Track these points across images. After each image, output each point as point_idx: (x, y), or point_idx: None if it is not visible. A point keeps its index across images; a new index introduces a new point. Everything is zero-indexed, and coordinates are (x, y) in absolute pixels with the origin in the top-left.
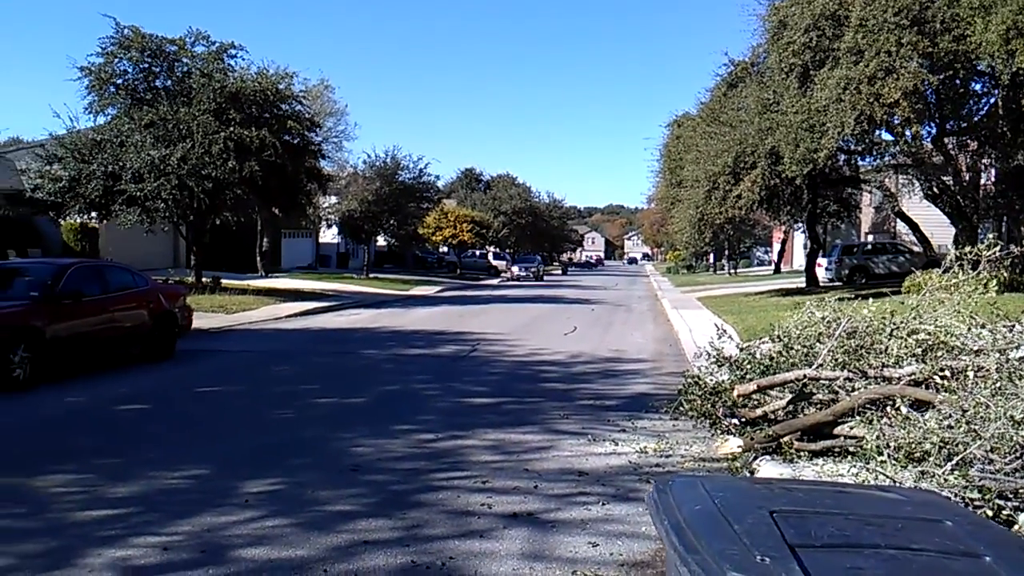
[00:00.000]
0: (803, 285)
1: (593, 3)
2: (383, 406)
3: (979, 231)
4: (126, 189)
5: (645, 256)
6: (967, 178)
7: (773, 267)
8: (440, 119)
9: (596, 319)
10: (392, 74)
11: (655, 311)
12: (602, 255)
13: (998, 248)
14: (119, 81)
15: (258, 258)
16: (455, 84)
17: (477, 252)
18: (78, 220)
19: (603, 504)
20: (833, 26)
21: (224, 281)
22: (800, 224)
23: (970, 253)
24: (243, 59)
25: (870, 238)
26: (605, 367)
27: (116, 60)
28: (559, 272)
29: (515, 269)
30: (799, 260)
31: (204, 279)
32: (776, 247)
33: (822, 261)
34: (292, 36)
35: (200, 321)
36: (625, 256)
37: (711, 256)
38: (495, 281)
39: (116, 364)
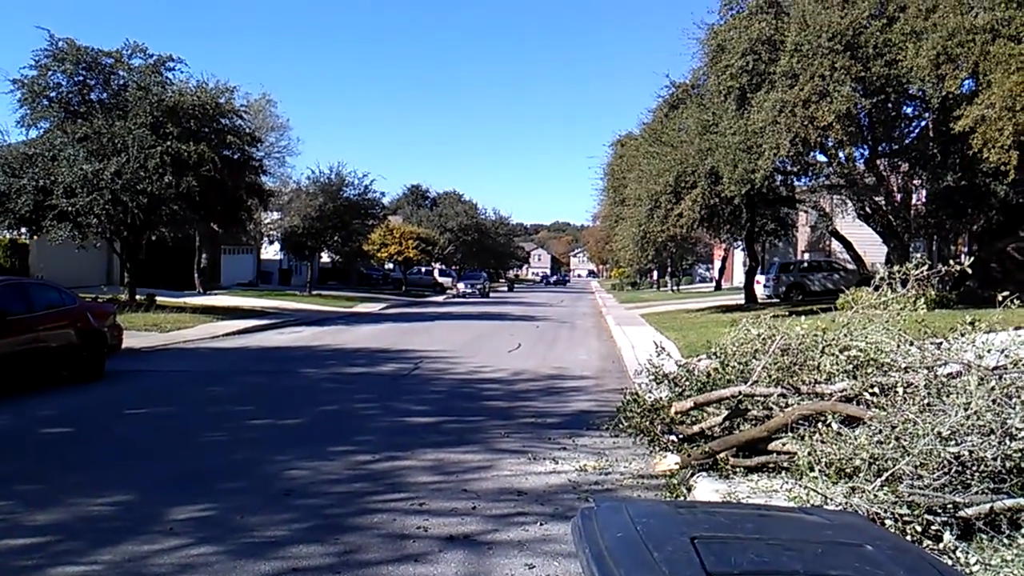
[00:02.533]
0: (743, 302)
1: (539, 23)
2: (320, 427)
3: (911, 249)
4: (57, 204)
5: (591, 273)
6: (899, 198)
7: (715, 284)
8: (387, 135)
9: (540, 336)
10: (337, 90)
11: (599, 328)
12: (548, 272)
13: (926, 267)
14: (53, 94)
15: (196, 275)
16: (401, 101)
17: (423, 269)
18: (7, 236)
19: (541, 524)
20: (769, 50)
21: (160, 298)
22: (740, 242)
23: (899, 272)
24: (182, 72)
25: (806, 256)
26: (548, 384)
27: (50, 72)
28: (505, 289)
29: (461, 286)
30: (739, 277)
31: (138, 296)
32: (717, 264)
33: (760, 278)
34: (233, 51)
35: (133, 340)
36: (572, 272)
37: (655, 273)
38: (441, 298)
39: (42, 385)
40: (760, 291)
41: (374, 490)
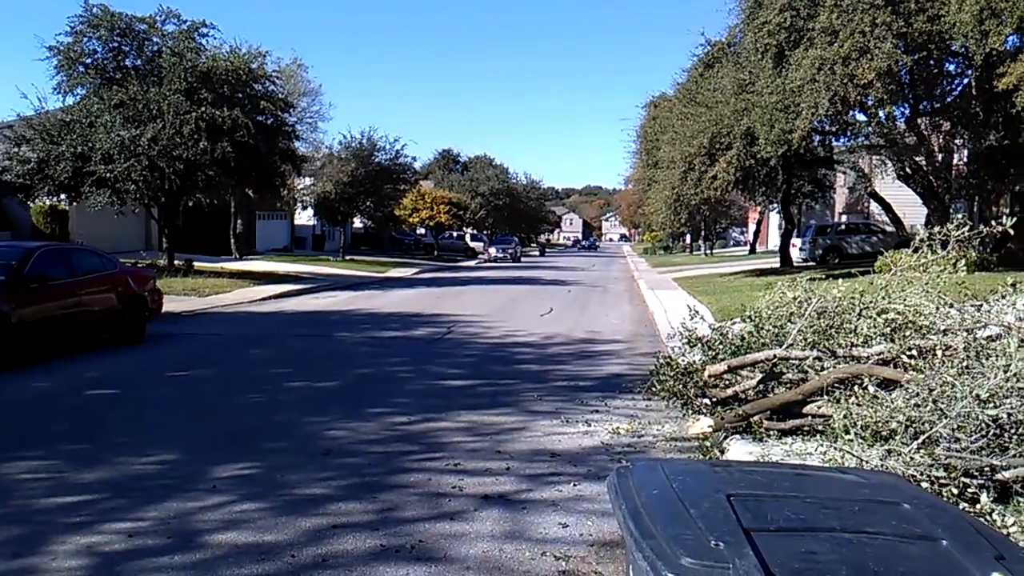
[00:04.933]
0: (777, 265)
1: None
2: (357, 389)
3: (951, 210)
4: (95, 171)
5: (623, 237)
6: (940, 159)
7: (749, 247)
8: (418, 100)
9: (572, 300)
10: (369, 55)
11: (631, 292)
12: (580, 236)
13: (967, 228)
14: (88, 61)
15: (232, 240)
16: (433, 65)
17: (455, 234)
18: (47, 202)
19: (574, 484)
20: (808, 6)
21: (197, 264)
22: (775, 205)
23: (940, 233)
24: (215, 38)
25: (844, 218)
26: (580, 348)
27: (85, 39)
28: (537, 253)
29: (492, 251)
30: (774, 240)
31: (176, 262)
32: (752, 227)
33: (796, 241)
34: (265, 16)
35: (172, 304)
36: (603, 236)
37: (687, 237)
38: (472, 263)
39: (85, 348)
40: (796, 254)
41: (410, 450)
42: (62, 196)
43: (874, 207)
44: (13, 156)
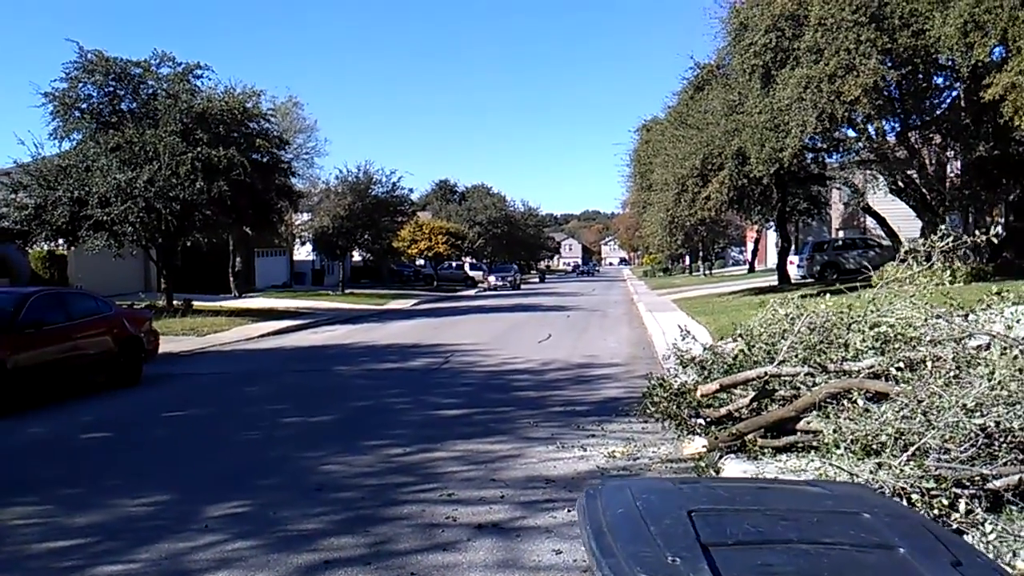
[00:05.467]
0: (776, 283)
1: (563, 9)
2: (353, 422)
3: (946, 222)
4: (92, 214)
5: (623, 261)
6: (932, 171)
7: (748, 266)
8: (414, 132)
9: (571, 325)
10: (363, 89)
11: (630, 315)
12: (580, 261)
13: (951, 239)
14: (84, 106)
15: (231, 279)
16: (428, 96)
17: (454, 264)
18: (45, 248)
19: (568, 510)
20: (793, 26)
21: (196, 303)
22: (772, 223)
23: (924, 245)
24: (209, 79)
25: (841, 234)
26: (577, 373)
27: (80, 84)
28: (536, 280)
29: (492, 279)
30: (773, 258)
31: (176, 302)
32: (750, 246)
33: (794, 259)
34: (258, 56)
35: (170, 345)
36: (603, 260)
37: (687, 258)
38: (472, 292)
39: (81, 392)
40: (794, 272)
41: (405, 482)
42: (60, 241)
43: (870, 222)
44: (11, 203)
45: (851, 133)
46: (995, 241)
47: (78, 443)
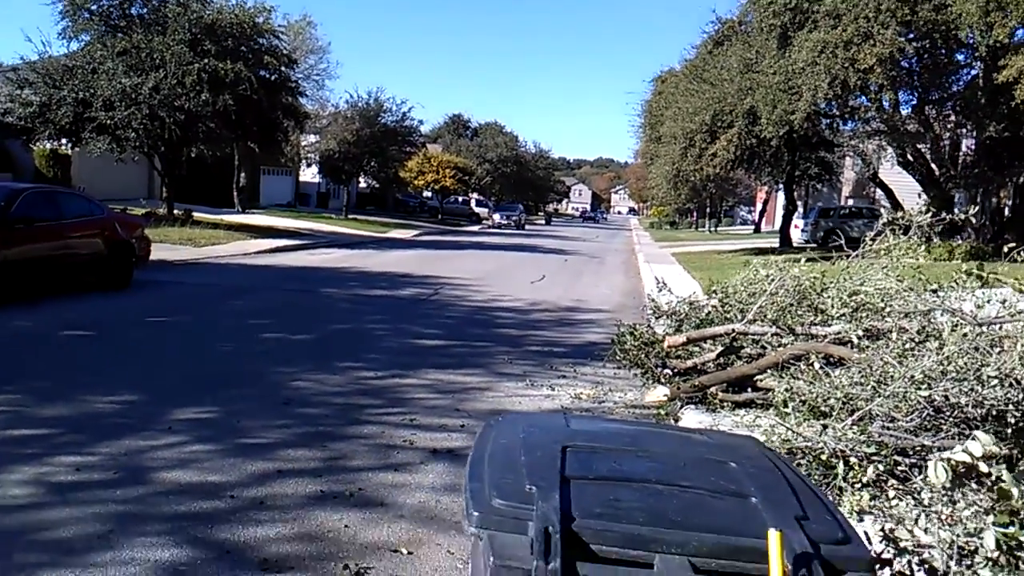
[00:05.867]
0: (777, 245)
1: None
2: (331, 343)
3: (954, 199)
4: (96, 117)
5: (631, 210)
6: (944, 147)
7: (754, 226)
8: (432, 65)
9: (567, 269)
10: (382, 15)
11: (628, 264)
12: (588, 208)
13: (930, 215)
14: (93, 7)
15: (235, 193)
16: (448, 28)
17: (460, 199)
18: (48, 147)
19: None
20: None
21: (197, 214)
22: (781, 185)
23: (902, 219)
24: None
25: (850, 202)
26: (562, 316)
27: None
28: (543, 222)
29: (496, 217)
30: (780, 220)
31: (176, 211)
32: (759, 207)
33: (799, 223)
34: None
35: (166, 253)
36: (612, 209)
37: (695, 213)
38: (475, 228)
39: (70, 291)
40: (797, 235)
41: (371, 404)
42: (63, 140)
43: (880, 192)
44: (16, 99)
45: (865, 102)
46: (972, 220)
47: (59, 339)
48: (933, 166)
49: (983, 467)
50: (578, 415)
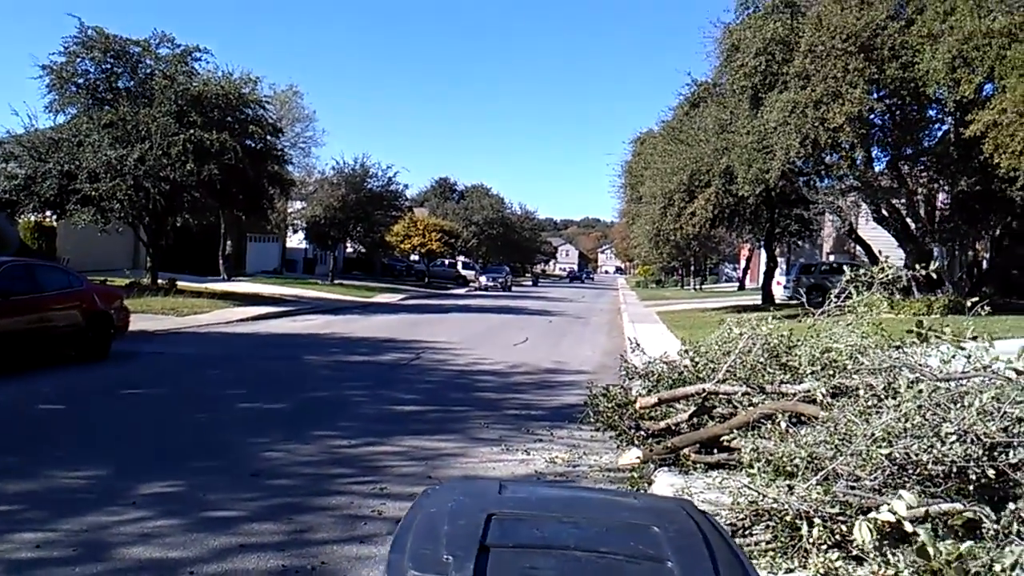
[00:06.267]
0: (760, 303)
1: (573, 16)
2: (306, 412)
3: (933, 254)
4: (81, 188)
5: (618, 269)
6: (918, 202)
7: (739, 284)
8: (415, 131)
9: (551, 331)
10: (363, 85)
11: (612, 324)
12: (576, 268)
13: (892, 271)
14: (80, 81)
15: (221, 261)
16: (433, 96)
17: (447, 261)
18: (33, 219)
19: None
20: (783, 51)
21: (182, 283)
22: (762, 242)
23: (865, 276)
24: (208, 62)
25: (831, 258)
26: (542, 378)
27: (78, 60)
28: (529, 283)
29: (483, 279)
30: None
31: (160, 281)
32: (742, 264)
33: (780, 279)
34: (261, 46)
35: (147, 323)
36: (599, 268)
37: (680, 271)
38: (462, 291)
39: (47, 364)
40: (779, 292)
41: (342, 473)
42: (47, 212)
43: (860, 247)
44: (1, 172)
45: (837, 159)
46: (934, 276)
47: (30, 412)
48: (908, 221)
49: (908, 527)
50: (513, 481)
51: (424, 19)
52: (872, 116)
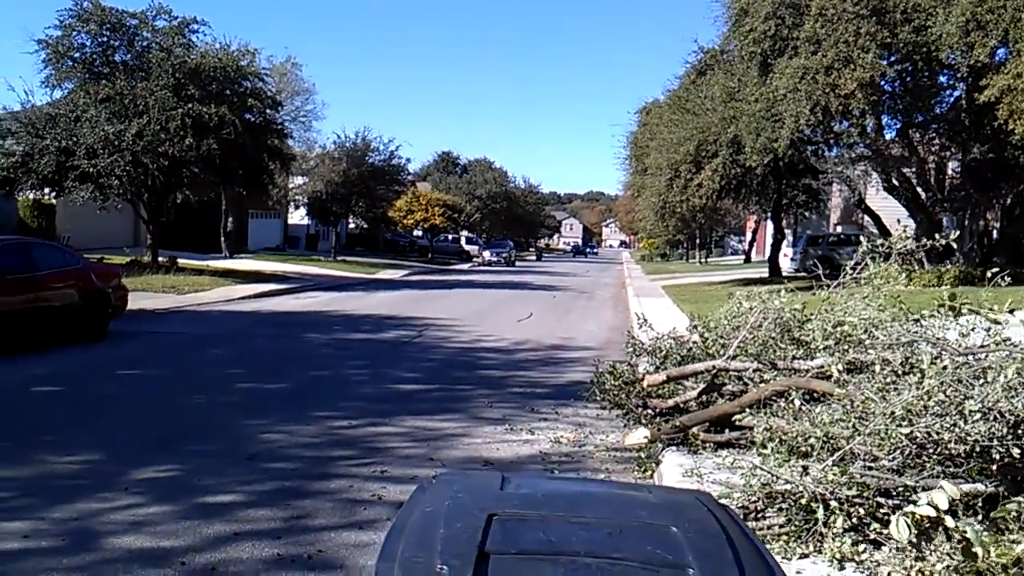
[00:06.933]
0: (767, 275)
1: None
2: (306, 391)
3: (942, 223)
4: (79, 165)
5: (622, 243)
6: (930, 171)
7: (744, 256)
8: (418, 103)
9: (555, 306)
10: (368, 55)
11: (617, 299)
12: (580, 242)
13: (908, 241)
14: (76, 55)
15: (222, 238)
16: (436, 67)
17: (450, 236)
18: (32, 196)
19: None
20: (793, 15)
21: (183, 261)
22: (769, 213)
23: (883, 246)
24: (206, 34)
25: (839, 229)
26: (547, 355)
27: (74, 33)
28: (533, 258)
29: (486, 254)
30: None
31: (161, 258)
32: (748, 236)
33: (788, 251)
34: (260, 16)
35: (147, 302)
36: (604, 242)
37: (685, 244)
38: (465, 266)
39: (44, 343)
40: (787, 265)
41: (342, 455)
42: (46, 190)
43: (868, 218)
44: None
45: (848, 127)
46: (954, 245)
47: (25, 395)
48: (919, 190)
49: (949, 521)
50: (517, 474)
51: None
52: (883, 83)
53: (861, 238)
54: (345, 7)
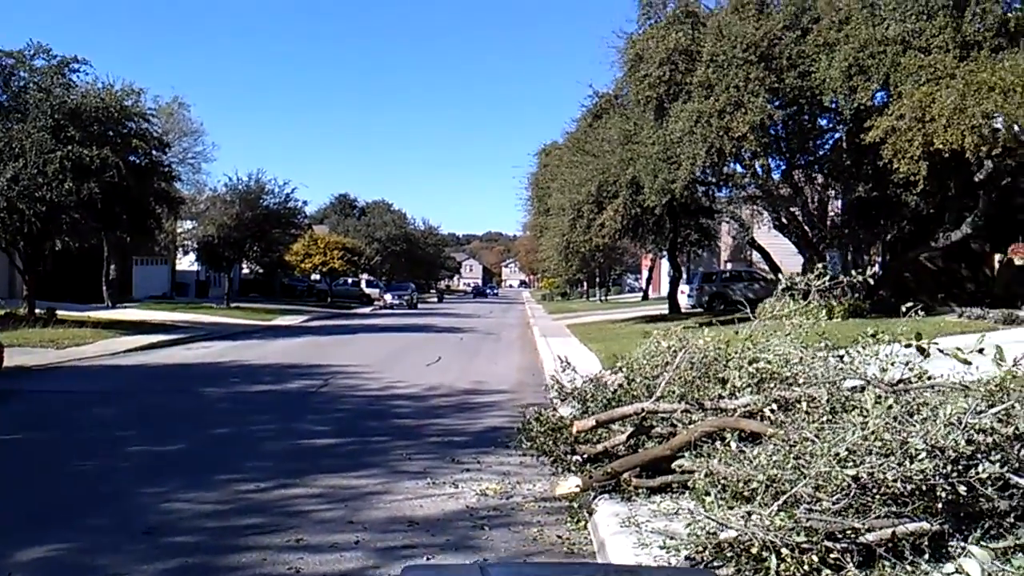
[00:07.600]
0: (667, 312)
1: (472, 25)
2: (208, 453)
3: (826, 259)
4: None
5: (523, 283)
6: (814, 209)
7: (642, 294)
8: (315, 146)
9: (463, 348)
10: (260, 96)
11: (523, 339)
12: (480, 282)
13: (827, 278)
14: None
15: (104, 287)
16: (332, 109)
17: (350, 280)
18: None
19: (427, 558)
20: (686, 61)
21: (63, 312)
22: (665, 252)
23: (801, 282)
24: (87, 74)
25: (728, 266)
26: (461, 400)
27: None
28: (435, 300)
29: (388, 297)
30: (666, 286)
31: (39, 310)
32: (645, 274)
33: (684, 288)
34: (148, 55)
35: (24, 358)
36: (504, 282)
37: (584, 283)
38: (367, 310)
39: None
40: (684, 301)
41: (252, 524)
42: None
43: (757, 255)
44: None
45: (739, 169)
46: (871, 281)
47: None
48: (806, 228)
49: None
50: (498, 564)
51: (318, 36)
52: (771, 127)
53: (758, 273)
54: (234, 50)
